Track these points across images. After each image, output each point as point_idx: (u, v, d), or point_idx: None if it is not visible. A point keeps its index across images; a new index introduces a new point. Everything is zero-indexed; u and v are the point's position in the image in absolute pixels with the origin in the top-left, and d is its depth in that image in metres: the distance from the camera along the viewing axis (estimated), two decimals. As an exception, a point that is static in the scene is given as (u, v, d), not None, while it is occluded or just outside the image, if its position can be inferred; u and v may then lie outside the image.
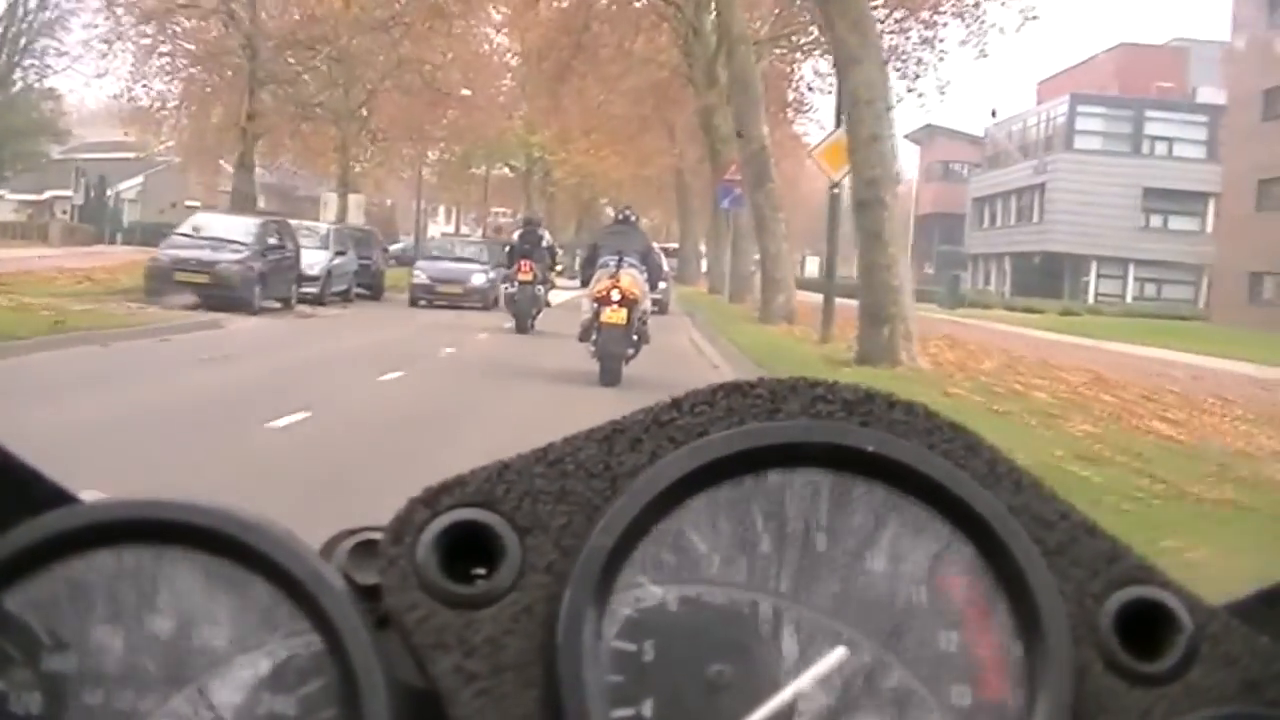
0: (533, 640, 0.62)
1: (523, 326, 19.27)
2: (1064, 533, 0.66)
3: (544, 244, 19.70)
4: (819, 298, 19.22)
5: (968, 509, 0.65)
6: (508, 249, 20.63)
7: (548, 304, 19.88)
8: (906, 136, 71.68)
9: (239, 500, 0.65)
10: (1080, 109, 54.80)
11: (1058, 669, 0.62)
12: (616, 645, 0.62)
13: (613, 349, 12.36)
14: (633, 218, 14.18)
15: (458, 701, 0.61)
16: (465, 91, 41.40)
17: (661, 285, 15.84)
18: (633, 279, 12.55)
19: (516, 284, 19.41)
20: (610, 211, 72.24)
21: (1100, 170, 52.87)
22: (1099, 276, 55.27)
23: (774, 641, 0.63)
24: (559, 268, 21.85)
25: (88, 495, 0.67)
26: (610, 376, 12.29)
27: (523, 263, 19.22)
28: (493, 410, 10.61)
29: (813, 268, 73.57)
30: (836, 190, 18.84)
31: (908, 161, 69.40)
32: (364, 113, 38.56)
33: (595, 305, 12.47)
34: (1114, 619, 0.65)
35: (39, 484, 0.67)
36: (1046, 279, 55.26)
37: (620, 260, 12.61)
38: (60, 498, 0.66)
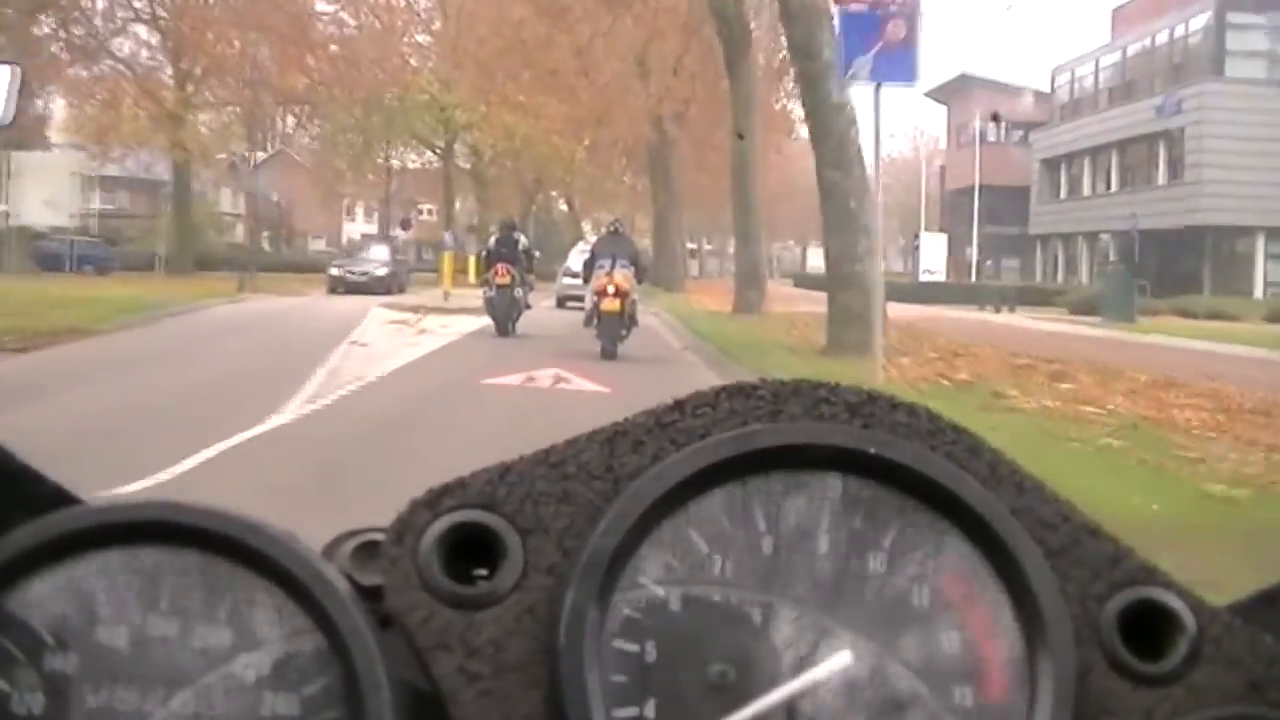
0: (535, 641, 0.63)
1: (502, 330, 19.32)
2: (1066, 534, 0.66)
3: (520, 247, 19.90)
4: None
5: (970, 511, 0.65)
6: (485, 253, 20.71)
7: (528, 306, 20.06)
8: (929, 94, 55.97)
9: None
10: (1231, 19, 38.83)
11: (1060, 670, 0.63)
12: (618, 645, 0.63)
13: (610, 330, 15.66)
14: (622, 229, 18.07)
15: (460, 702, 0.62)
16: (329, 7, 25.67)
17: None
18: (625, 276, 15.89)
19: (495, 288, 19.40)
20: (564, 206, 57.16)
21: (1265, 106, 37.06)
22: (1268, 257, 39.32)
23: (776, 643, 0.63)
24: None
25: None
26: (609, 352, 15.43)
27: (499, 266, 19.33)
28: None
29: (815, 259, 58.69)
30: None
31: (934, 124, 53.72)
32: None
33: (595, 298, 15.84)
34: (1116, 620, 0.65)
35: (41, 485, 0.66)
36: (1179, 264, 39.41)
37: (614, 261, 16.13)
38: (62, 498, 0.66)
